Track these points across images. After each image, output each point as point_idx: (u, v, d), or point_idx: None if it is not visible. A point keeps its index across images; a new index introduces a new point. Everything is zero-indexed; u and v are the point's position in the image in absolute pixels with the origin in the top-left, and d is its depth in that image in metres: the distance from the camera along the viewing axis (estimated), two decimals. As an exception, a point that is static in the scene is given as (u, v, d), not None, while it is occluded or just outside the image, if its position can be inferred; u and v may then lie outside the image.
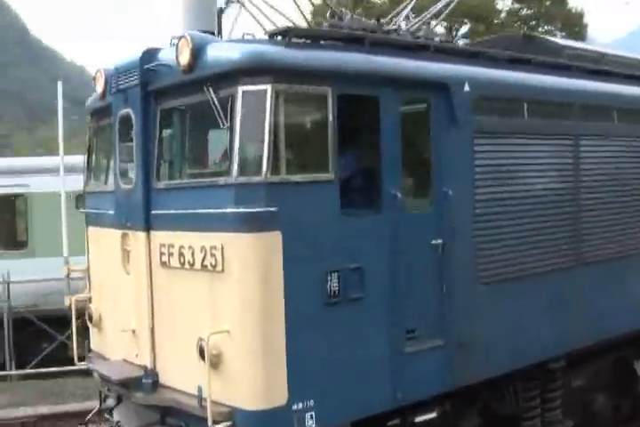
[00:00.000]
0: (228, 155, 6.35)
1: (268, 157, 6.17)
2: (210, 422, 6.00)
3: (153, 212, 7.03)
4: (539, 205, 8.51)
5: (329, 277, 6.43)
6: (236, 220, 6.18)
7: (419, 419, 7.32)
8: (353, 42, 7.09)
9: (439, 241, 7.36)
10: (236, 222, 6.18)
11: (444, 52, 7.97)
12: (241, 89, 6.21)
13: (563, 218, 8.85)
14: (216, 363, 6.21)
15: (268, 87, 6.20)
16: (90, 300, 8.46)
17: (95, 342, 8.47)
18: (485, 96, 7.97)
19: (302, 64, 6.49)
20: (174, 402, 6.72)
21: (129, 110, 7.26)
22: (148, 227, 7.06)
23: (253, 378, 6.14)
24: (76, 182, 12.47)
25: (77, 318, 8.46)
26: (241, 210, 6.13)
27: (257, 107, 6.18)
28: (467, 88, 7.63)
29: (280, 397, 6.16)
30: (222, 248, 6.22)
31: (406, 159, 7.22)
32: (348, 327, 6.61)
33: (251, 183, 6.16)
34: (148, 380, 7.07)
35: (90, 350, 8.54)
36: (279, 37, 6.61)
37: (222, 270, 6.24)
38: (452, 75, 7.67)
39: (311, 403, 6.31)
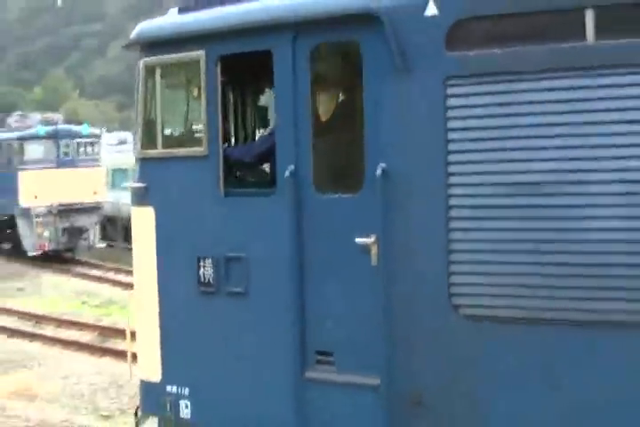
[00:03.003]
0: None
1: (143, 132, 6.30)
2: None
3: None
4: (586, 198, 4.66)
5: (201, 263, 5.98)
6: (131, 193, 6.58)
7: None
8: None
9: (368, 240, 5.21)
10: (131, 195, 6.57)
11: None
12: (140, 63, 6.34)
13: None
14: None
15: (140, 62, 6.27)
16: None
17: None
18: (483, 15, 4.89)
19: (170, 33, 6.12)
20: None
21: None
22: None
23: (139, 351, 6.61)
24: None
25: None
26: (130, 184, 6.54)
27: (138, 81, 6.32)
28: (432, 11, 4.95)
29: (155, 374, 6.33)
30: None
31: (325, 125, 5.78)
32: (227, 325, 5.95)
33: (137, 158, 6.44)
34: None
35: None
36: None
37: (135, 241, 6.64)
38: None
39: (185, 392, 6.19)
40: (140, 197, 6.36)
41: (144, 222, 6.35)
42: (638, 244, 4.50)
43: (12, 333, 17.66)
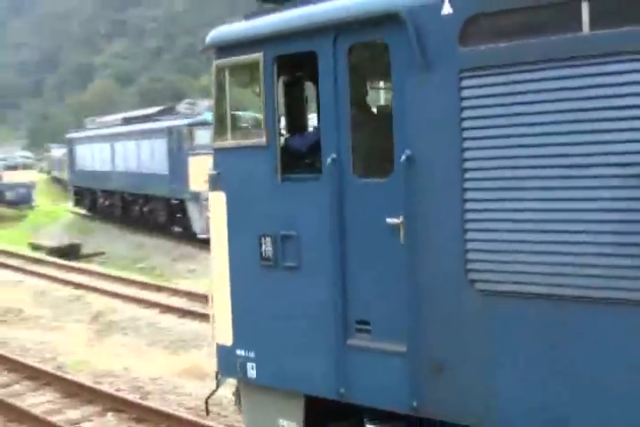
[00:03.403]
0: None
1: (216, 125, 7.20)
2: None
3: None
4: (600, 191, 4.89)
5: (262, 241, 6.74)
6: (208, 179, 7.39)
7: None
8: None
9: (397, 220, 5.74)
10: (208, 182, 7.39)
11: None
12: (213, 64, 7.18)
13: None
14: None
15: (214, 63, 7.09)
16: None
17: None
18: (490, 11, 5.28)
19: (237, 36, 6.95)
20: None
21: None
22: None
23: (215, 317, 7.42)
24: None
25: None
26: (208, 171, 7.36)
27: (212, 81, 7.21)
28: (447, 10, 5.41)
29: (228, 338, 7.20)
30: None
31: (362, 117, 6.35)
32: (284, 296, 6.66)
33: (213, 148, 7.35)
34: None
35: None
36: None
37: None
38: (406, 0, 5.64)
39: (252, 355, 6.99)
40: (214, 183, 7.24)
41: (217, 205, 7.21)
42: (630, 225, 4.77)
43: (183, 313, 18.56)
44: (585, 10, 4.87)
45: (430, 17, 5.52)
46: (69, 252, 35.91)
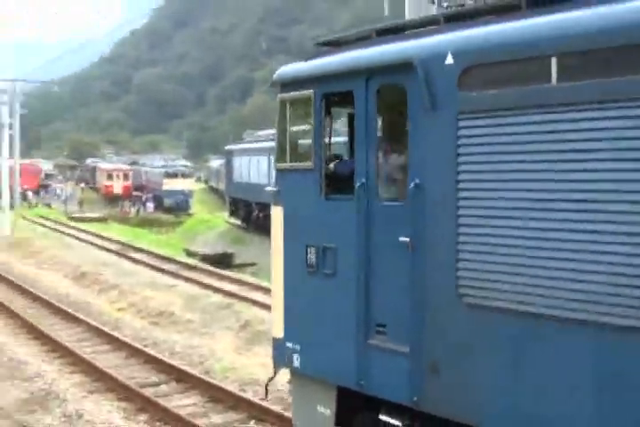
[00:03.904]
0: None
1: (276, 149, 8.48)
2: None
3: None
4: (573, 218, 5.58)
5: (308, 250, 7.89)
6: (271, 195, 8.60)
7: (383, 417, 7.25)
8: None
9: (406, 239, 6.72)
10: (271, 197, 8.60)
11: (421, 26, 6.97)
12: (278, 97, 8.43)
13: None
14: None
15: (278, 96, 8.34)
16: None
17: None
18: (481, 63, 6.19)
19: (295, 74, 8.19)
20: None
21: None
22: None
23: (272, 312, 8.74)
24: None
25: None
26: (271, 188, 8.64)
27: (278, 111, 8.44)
28: (449, 60, 6.35)
29: (280, 332, 8.42)
30: None
31: (386, 148, 7.44)
32: (322, 298, 7.78)
33: (275, 169, 8.66)
34: None
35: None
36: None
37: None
38: (421, 51, 6.65)
39: (297, 347, 8.16)
40: (275, 199, 8.48)
41: (277, 217, 8.43)
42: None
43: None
44: (554, 64, 5.69)
45: (437, 66, 6.50)
46: (222, 260, 36.96)
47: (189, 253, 40.51)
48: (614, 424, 5.34)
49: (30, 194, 69.70)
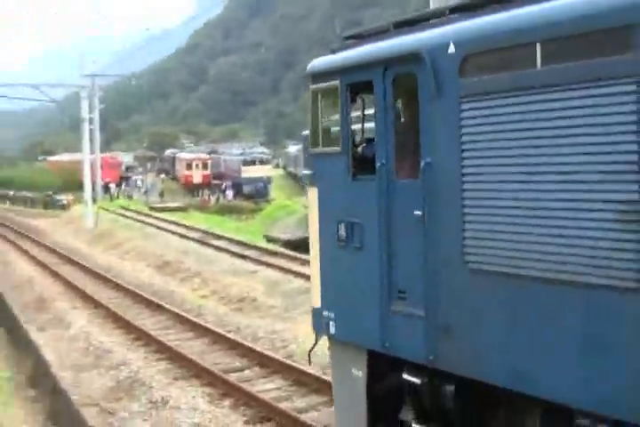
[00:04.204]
0: None
1: (310, 136, 9.21)
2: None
3: None
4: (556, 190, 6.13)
5: (339, 226, 8.60)
6: (308, 177, 9.26)
7: (405, 376, 7.92)
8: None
9: (420, 212, 7.41)
10: (308, 179, 9.29)
11: (431, 18, 7.65)
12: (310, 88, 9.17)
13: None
14: None
15: (310, 87, 9.10)
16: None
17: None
18: (477, 51, 6.80)
19: (323, 67, 8.93)
20: None
21: None
22: None
23: (311, 285, 9.42)
24: None
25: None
26: (307, 171, 9.13)
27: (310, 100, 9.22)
28: (452, 49, 6.98)
29: (317, 301, 9.15)
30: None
31: (403, 131, 8.04)
32: (352, 269, 8.48)
33: (309, 153, 9.32)
34: None
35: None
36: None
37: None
38: (428, 42, 7.34)
39: (332, 315, 8.87)
40: (311, 181, 9.22)
41: (312, 198, 9.16)
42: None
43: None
44: (538, 50, 6.26)
45: (441, 55, 7.13)
46: (302, 245, 36.98)
47: (270, 239, 40.78)
48: (597, 383, 5.84)
49: (112, 186, 71.00)
